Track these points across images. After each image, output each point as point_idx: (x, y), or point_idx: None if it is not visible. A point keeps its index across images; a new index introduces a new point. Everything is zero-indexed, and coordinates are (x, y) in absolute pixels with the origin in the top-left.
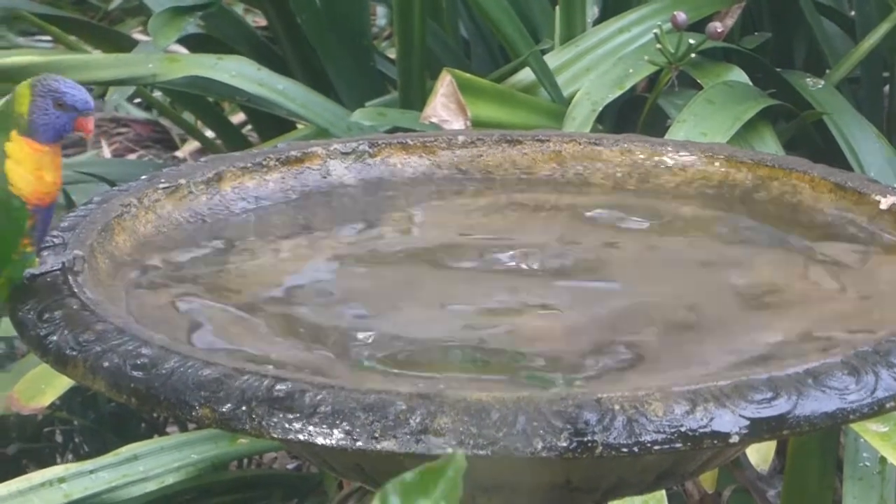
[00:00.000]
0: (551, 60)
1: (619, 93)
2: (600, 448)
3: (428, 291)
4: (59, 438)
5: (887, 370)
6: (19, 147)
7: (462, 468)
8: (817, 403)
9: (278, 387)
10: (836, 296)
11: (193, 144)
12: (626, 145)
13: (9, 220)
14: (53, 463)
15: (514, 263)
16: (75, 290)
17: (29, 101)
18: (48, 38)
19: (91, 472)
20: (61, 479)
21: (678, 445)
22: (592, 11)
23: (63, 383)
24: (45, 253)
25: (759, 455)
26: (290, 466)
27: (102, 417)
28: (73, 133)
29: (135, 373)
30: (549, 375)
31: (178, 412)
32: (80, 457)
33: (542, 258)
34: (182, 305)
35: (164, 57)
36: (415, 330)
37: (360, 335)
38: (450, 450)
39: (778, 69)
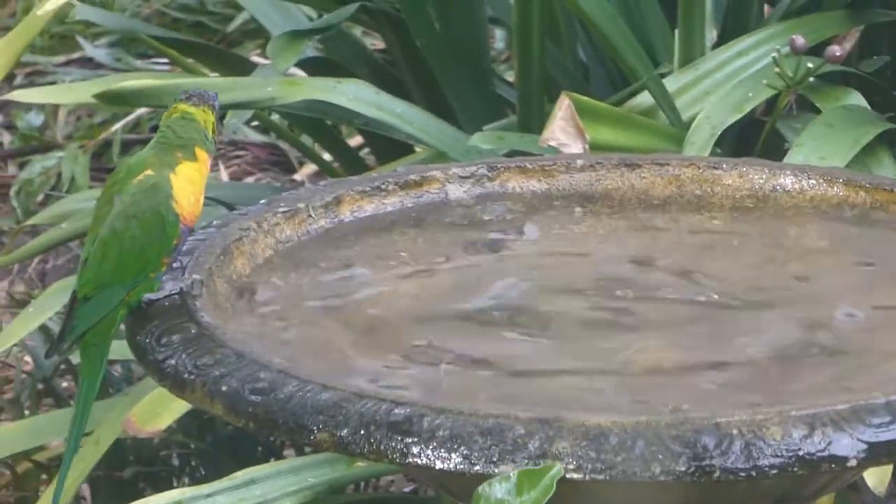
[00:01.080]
0: (670, 84)
1: (738, 116)
2: (718, 472)
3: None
4: (175, 462)
5: None
6: (197, 168)
7: (559, 476)
8: None
9: (396, 411)
10: None
11: (311, 167)
12: (744, 169)
13: (162, 234)
14: (170, 487)
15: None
16: (193, 315)
17: (213, 123)
18: (165, 60)
19: (208, 495)
20: (178, 503)
21: (796, 469)
22: (711, 35)
23: (180, 407)
24: (163, 277)
25: (877, 478)
26: (406, 489)
27: (219, 441)
28: None
29: (253, 397)
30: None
31: (296, 436)
32: (196, 480)
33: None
34: (299, 330)
35: (283, 80)
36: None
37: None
38: (569, 475)
39: None
